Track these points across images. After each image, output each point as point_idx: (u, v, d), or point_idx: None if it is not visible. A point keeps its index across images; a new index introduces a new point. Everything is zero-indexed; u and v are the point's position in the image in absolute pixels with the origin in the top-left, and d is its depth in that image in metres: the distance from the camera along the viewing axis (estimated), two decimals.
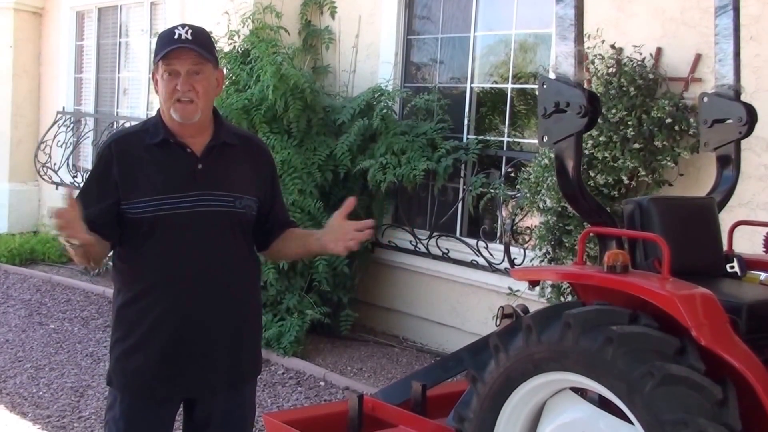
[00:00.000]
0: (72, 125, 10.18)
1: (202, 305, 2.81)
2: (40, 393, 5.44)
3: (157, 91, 2.85)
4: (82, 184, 2.92)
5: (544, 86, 3.16)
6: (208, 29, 2.97)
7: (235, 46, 7.15)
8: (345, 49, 7.41)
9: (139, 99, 9.50)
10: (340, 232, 2.95)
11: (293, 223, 3.15)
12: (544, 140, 3.18)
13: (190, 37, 2.77)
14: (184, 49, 2.75)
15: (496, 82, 6.69)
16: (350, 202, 2.94)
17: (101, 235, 2.76)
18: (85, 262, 2.79)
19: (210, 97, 2.85)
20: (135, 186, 2.79)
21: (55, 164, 9.97)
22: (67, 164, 9.93)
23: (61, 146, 9.99)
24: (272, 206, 3.02)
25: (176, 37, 2.76)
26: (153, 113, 2.87)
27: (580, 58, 3.09)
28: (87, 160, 9.97)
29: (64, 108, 10.36)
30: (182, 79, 2.76)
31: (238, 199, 2.87)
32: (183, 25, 2.81)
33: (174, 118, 2.80)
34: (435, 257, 6.56)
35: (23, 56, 10.70)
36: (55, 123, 10.21)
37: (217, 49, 6.92)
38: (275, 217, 3.04)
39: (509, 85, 6.39)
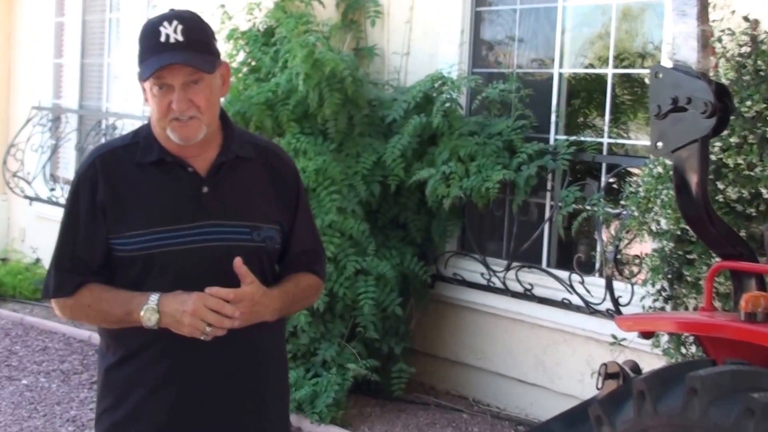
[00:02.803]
0: (50, 124, 10.35)
1: (211, 365, 2.83)
2: None
3: (146, 101, 2.87)
4: (62, 216, 2.95)
5: (658, 77, 3.13)
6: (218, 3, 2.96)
7: (255, 23, 7.22)
8: (396, 25, 7.42)
9: (135, 90, 9.60)
10: None
11: (315, 270, 3.09)
12: (659, 147, 3.15)
13: (181, 37, 2.77)
14: (175, 62, 2.74)
15: (593, 66, 6.63)
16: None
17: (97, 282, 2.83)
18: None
19: (216, 106, 2.88)
20: (125, 216, 2.82)
21: (28, 173, 10.15)
22: (44, 173, 10.11)
23: (36, 151, 10.16)
24: (290, 234, 3.00)
25: (163, 39, 2.76)
26: (149, 109, 2.90)
27: (705, 40, 3.05)
28: (68, 169, 10.13)
29: (39, 102, 10.55)
30: (177, 94, 2.77)
31: (257, 229, 2.88)
32: (169, 19, 2.79)
33: (173, 139, 2.83)
34: (514, 294, 6.52)
35: None
36: (28, 121, 10.40)
37: (233, 27, 7.10)
38: (290, 250, 3.02)
39: (609, 70, 6.34)
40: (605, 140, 6.34)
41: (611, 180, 6.14)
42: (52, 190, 9.82)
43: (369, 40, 7.54)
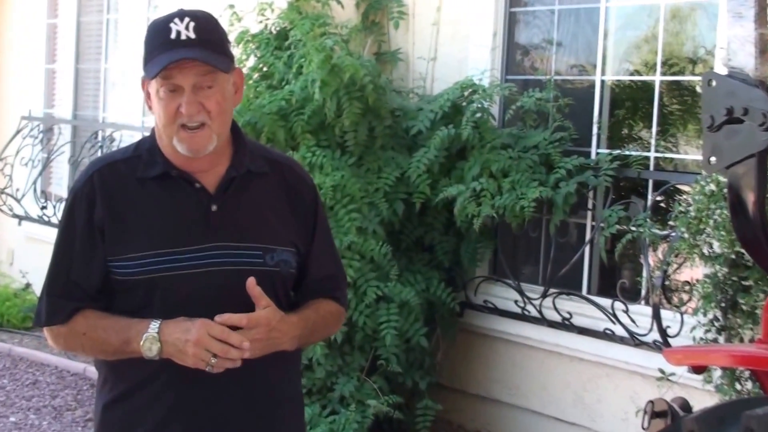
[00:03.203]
0: (41, 136, 10.40)
1: (219, 400, 2.84)
2: None
3: (150, 108, 2.88)
4: (56, 236, 2.97)
5: (711, 85, 3.12)
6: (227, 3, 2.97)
7: (267, 25, 7.26)
8: (422, 26, 7.45)
9: (134, 98, 9.65)
10: None
11: (337, 297, 3.11)
12: (712, 163, 3.13)
13: (193, 34, 2.78)
14: (186, 59, 2.75)
15: (639, 72, 6.63)
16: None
17: (96, 309, 2.85)
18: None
19: (228, 114, 2.88)
20: (125, 236, 2.83)
21: (17, 190, 10.20)
22: (34, 190, 10.12)
23: (26, 165, 10.21)
24: (308, 257, 3.02)
25: (174, 36, 2.77)
26: (150, 119, 2.92)
27: (764, 44, 3.05)
28: (61, 185, 10.18)
29: (30, 112, 10.61)
30: (187, 97, 2.77)
31: (270, 252, 2.89)
32: (181, 15, 2.81)
33: (179, 150, 2.83)
34: (552, 324, 6.51)
35: None
36: (18, 133, 10.47)
37: (243, 29, 7.14)
38: (309, 274, 3.03)
39: (657, 77, 6.35)
40: (652, 154, 6.34)
41: (659, 198, 6.13)
42: (44, 208, 9.81)
43: (392, 44, 7.58)
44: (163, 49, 2.77)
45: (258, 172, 2.95)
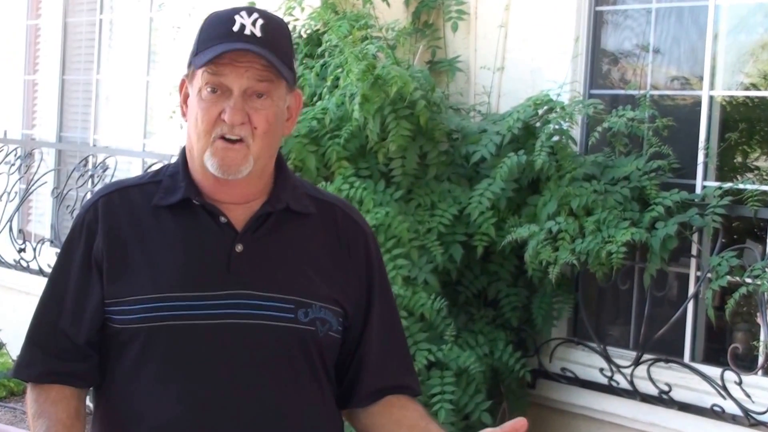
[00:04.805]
0: (19, 162, 10.46)
1: None
2: None
3: (184, 116, 2.91)
4: (50, 274, 2.99)
5: None
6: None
7: (295, 27, 7.30)
8: (486, 30, 7.49)
9: (134, 117, 9.71)
10: None
11: (410, 385, 3.11)
12: None
13: (259, 32, 2.81)
14: (246, 53, 2.77)
15: (756, 87, 6.63)
16: (520, 425, 2.75)
17: (83, 375, 2.86)
18: None
19: (275, 139, 2.88)
20: (126, 275, 2.85)
21: None
22: (10, 229, 10.17)
23: (0, 198, 10.29)
24: (365, 330, 3.01)
25: (236, 28, 2.80)
26: (153, 143, 2.94)
27: None
28: (43, 223, 10.25)
29: (5, 133, 10.70)
30: (234, 101, 2.77)
31: (304, 306, 2.87)
32: (249, 10, 2.85)
33: (209, 168, 2.83)
34: (646, 398, 6.49)
35: None
36: None
37: None
38: (368, 353, 3.02)
39: None
40: None
41: None
42: (22, 251, 9.81)
43: (449, 51, 7.61)
44: (220, 40, 2.79)
45: (300, 211, 2.95)
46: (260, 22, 2.81)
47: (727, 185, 6.37)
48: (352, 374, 3.02)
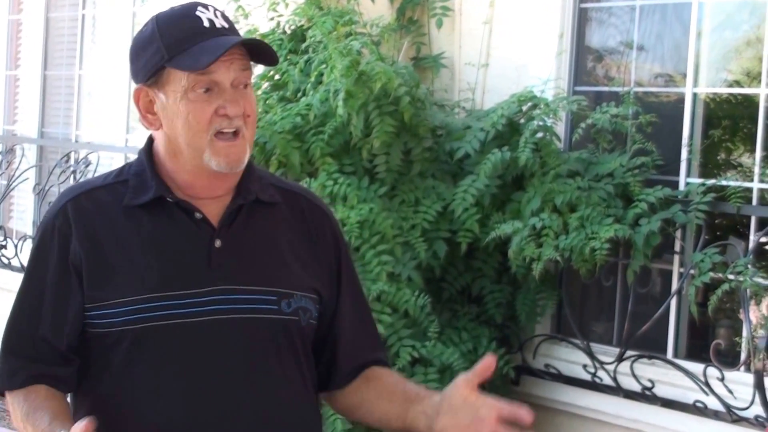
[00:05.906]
0: (0, 158, 10.46)
1: None
2: None
3: (149, 124, 2.89)
4: (21, 282, 2.96)
5: None
6: None
7: (279, 23, 7.30)
8: (471, 26, 7.48)
9: (117, 112, 9.70)
10: (469, 417, 2.74)
11: (382, 359, 3.14)
12: None
13: (225, 23, 2.84)
14: (230, 49, 2.77)
15: (739, 84, 6.64)
16: (489, 363, 2.76)
17: (65, 379, 2.85)
18: None
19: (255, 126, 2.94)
20: (108, 278, 2.83)
21: None
22: None
23: None
24: (336, 312, 3.04)
25: (207, 24, 2.81)
26: (135, 138, 2.94)
27: None
28: (24, 220, 10.24)
29: None
30: (230, 94, 2.80)
31: (287, 297, 2.89)
32: (202, 4, 2.86)
33: (213, 167, 2.82)
34: (629, 394, 6.51)
35: None
36: None
37: (251, 27, 7.18)
38: (342, 335, 3.05)
39: (762, 89, 6.35)
40: (755, 185, 6.32)
41: (763, 240, 6.12)
42: (3, 247, 9.86)
43: (434, 47, 7.61)
44: (200, 38, 2.78)
45: (268, 201, 2.96)
46: (219, 13, 2.85)
47: (711, 182, 6.39)
48: (328, 356, 3.05)
